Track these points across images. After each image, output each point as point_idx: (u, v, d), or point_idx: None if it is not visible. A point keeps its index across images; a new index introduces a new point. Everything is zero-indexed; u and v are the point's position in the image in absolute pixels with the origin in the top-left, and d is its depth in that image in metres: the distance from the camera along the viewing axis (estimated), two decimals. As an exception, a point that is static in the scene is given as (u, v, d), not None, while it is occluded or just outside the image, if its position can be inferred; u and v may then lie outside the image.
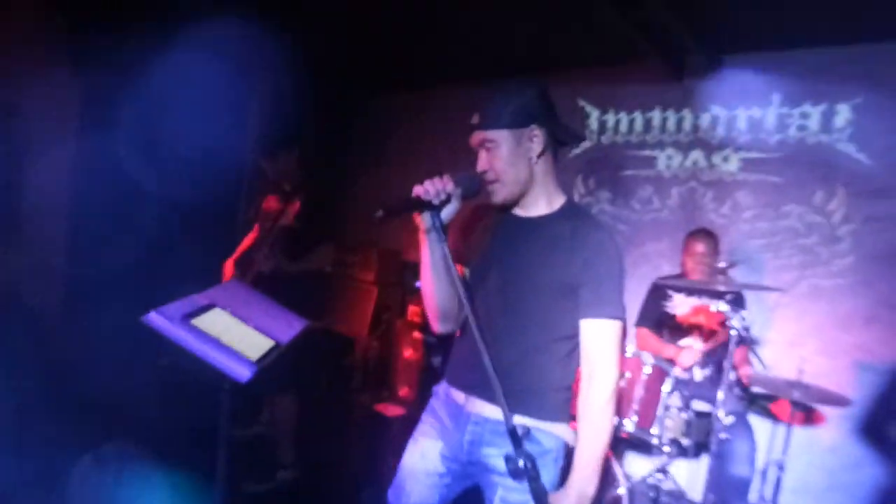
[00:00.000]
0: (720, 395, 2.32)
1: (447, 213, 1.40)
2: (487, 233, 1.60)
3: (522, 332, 1.47)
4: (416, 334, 4.20)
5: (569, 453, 1.49)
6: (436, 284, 1.51)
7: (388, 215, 1.29)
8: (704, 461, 3.22)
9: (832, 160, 3.08)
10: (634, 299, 3.54)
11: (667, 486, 2.69)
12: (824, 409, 2.86)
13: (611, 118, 3.95)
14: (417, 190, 1.37)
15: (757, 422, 3.03)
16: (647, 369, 2.43)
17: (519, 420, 1.42)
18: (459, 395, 1.56)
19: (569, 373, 1.51)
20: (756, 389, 2.85)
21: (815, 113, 3.15)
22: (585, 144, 4.06)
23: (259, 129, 4.20)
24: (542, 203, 1.53)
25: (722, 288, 2.50)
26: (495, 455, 1.45)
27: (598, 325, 1.42)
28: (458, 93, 4.51)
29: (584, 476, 1.37)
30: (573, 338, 1.46)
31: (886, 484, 2.79)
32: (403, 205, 1.36)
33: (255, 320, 2.05)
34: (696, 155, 3.55)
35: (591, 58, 3.90)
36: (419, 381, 4.21)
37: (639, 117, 3.81)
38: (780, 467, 2.44)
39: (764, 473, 2.83)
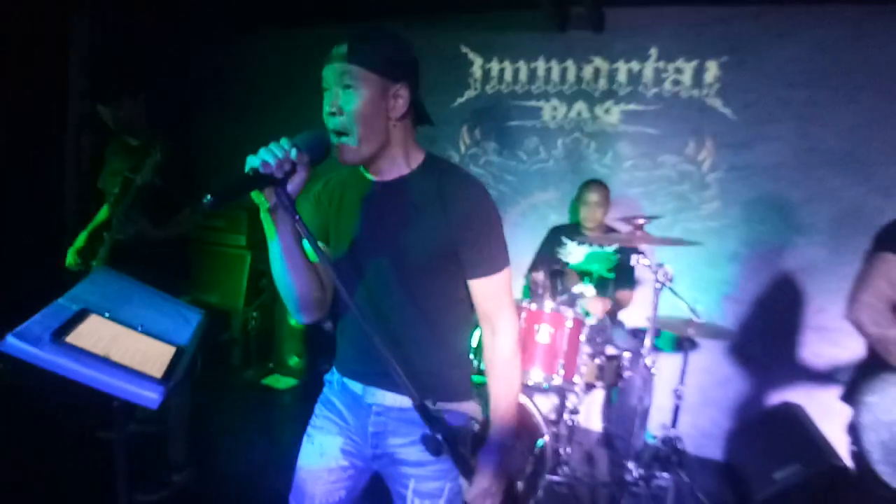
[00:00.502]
0: (647, 341, 2.48)
1: (294, 184, 1.15)
2: (341, 202, 1.40)
3: (410, 308, 1.33)
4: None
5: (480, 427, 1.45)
6: (292, 271, 1.27)
7: (221, 200, 1.01)
8: (596, 394, 3.50)
9: (702, 113, 3.33)
10: (527, 249, 3.64)
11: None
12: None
13: (495, 66, 3.85)
14: (253, 162, 1.10)
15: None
16: (569, 323, 2.49)
17: (451, 405, 1.35)
18: (356, 386, 1.40)
19: (464, 343, 1.44)
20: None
21: (687, 68, 3.36)
22: (470, 93, 3.94)
23: (86, 72, 3.41)
24: (399, 163, 1.32)
25: (640, 243, 2.60)
26: (402, 444, 1.35)
27: (490, 280, 1.32)
28: (333, 34, 4.11)
29: (503, 429, 1.34)
30: (462, 301, 1.36)
31: (749, 396, 3.26)
32: (240, 185, 1.08)
33: (144, 322, 1.68)
34: (580, 106, 3.63)
35: (473, 3, 3.74)
36: (309, 349, 3.96)
37: (523, 67, 3.76)
38: (679, 396, 2.69)
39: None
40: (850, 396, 1.78)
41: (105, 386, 1.34)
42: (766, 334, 3.18)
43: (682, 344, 2.73)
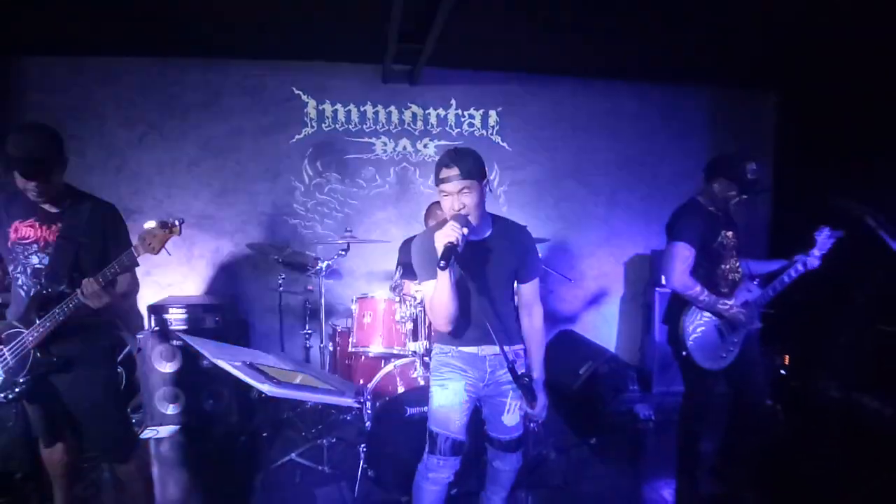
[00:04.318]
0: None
1: (461, 247, 1.97)
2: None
3: (499, 302, 2.27)
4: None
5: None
6: (454, 298, 2.12)
7: (447, 265, 1.93)
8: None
9: (490, 146, 4.74)
10: (374, 257, 4.51)
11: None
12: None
13: (328, 108, 4.52)
14: (450, 239, 1.93)
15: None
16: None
17: (515, 347, 2.30)
18: (472, 349, 2.27)
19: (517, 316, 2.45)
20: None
21: (477, 115, 4.72)
22: (307, 130, 4.52)
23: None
24: (485, 227, 2.25)
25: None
26: (503, 372, 2.27)
27: (533, 283, 2.36)
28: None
29: (541, 369, 2.37)
30: (514, 295, 2.39)
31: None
32: (449, 254, 1.92)
33: (275, 363, 2.11)
34: (405, 142, 4.64)
35: (303, 52, 4.30)
36: (187, 391, 3.92)
37: (354, 109, 4.55)
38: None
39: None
40: (669, 319, 2.95)
41: (332, 402, 1.88)
42: (545, 282, 4.85)
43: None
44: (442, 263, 1.90)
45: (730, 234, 2.82)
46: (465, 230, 2.00)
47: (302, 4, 3.40)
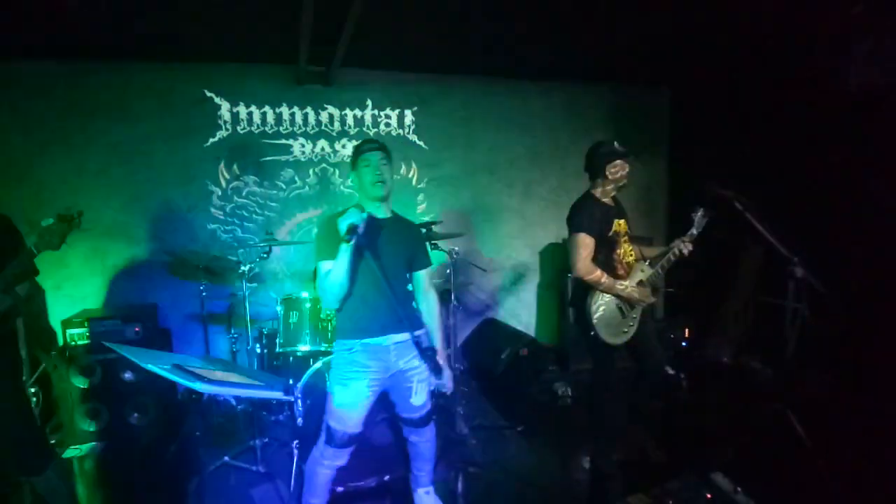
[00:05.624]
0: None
1: (361, 229, 2.19)
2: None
3: (399, 287, 2.44)
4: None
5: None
6: (349, 276, 2.28)
7: (352, 237, 2.17)
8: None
9: (407, 145, 4.88)
10: (299, 256, 4.56)
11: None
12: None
13: (242, 110, 4.49)
14: (356, 221, 2.15)
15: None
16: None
17: (418, 332, 2.45)
18: (377, 339, 2.40)
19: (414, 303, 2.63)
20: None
21: (393, 115, 4.84)
22: (222, 133, 4.46)
23: None
24: (388, 210, 2.49)
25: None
26: (407, 359, 2.46)
27: (428, 270, 2.60)
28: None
29: (443, 347, 2.58)
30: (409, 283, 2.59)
31: (466, 321, 5.07)
32: (353, 232, 2.16)
33: (204, 365, 2.17)
34: (323, 143, 4.69)
35: (212, 52, 4.24)
36: (110, 404, 3.80)
37: (269, 111, 4.54)
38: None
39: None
40: (575, 302, 3.15)
41: (261, 397, 1.97)
42: (466, 275, 5.09)
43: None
44: (347, 236, 2.13)
45: (622, 222, 3.12)
46: (366, 214, 2.21)
47: (210, 5, 3.38)
